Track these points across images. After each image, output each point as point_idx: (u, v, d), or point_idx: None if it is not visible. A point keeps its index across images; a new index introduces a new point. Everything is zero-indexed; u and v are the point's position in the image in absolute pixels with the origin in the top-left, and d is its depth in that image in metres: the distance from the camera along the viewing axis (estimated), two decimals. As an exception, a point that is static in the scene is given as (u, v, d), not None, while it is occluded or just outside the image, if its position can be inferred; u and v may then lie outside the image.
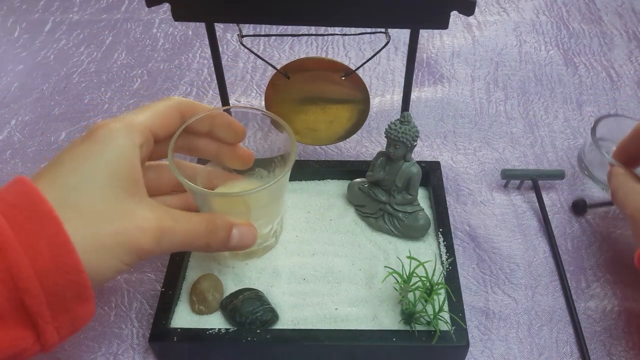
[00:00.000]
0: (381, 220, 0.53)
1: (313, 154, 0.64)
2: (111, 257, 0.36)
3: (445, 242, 0.51)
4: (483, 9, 0.85)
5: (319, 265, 0.51)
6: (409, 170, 0.51)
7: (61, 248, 0.33)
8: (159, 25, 0.82)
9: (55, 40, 0.80)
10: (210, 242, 0.42)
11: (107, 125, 0.39)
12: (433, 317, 0.45)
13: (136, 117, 0.41)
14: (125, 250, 0.36)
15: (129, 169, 0.38)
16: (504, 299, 0.51)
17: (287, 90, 0.55)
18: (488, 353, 0.48)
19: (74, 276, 0.33)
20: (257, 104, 0.70)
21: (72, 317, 0.35)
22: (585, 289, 0.52)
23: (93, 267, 0.35)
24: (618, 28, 0.82)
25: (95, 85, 0.73)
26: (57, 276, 0.33)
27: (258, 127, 0.50)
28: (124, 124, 0.39)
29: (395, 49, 0.78)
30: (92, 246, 0.35)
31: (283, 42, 0.79)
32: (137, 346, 0.48)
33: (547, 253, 0.55)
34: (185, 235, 0.40)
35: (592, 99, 0.71)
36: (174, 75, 0.74)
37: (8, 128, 0.67)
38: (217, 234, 0.42)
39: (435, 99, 0.70)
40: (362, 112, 0.56)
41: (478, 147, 0.65)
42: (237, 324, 0.46)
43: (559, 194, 0.60)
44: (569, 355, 0.48)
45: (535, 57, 0.77)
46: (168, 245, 0.39)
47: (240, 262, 0.51)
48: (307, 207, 0.56)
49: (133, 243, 0.37)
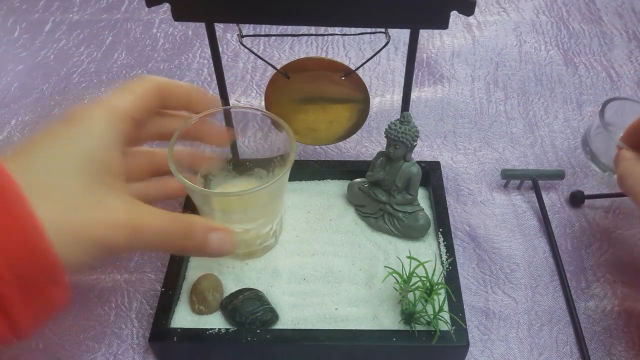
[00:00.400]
0: (381, 220, 0.53)
1: (313, 154, 0.64)
2: (79, 249, 0.34)
3: (445, 242, 0.51)
4: (483, 9, 0.85)
5: (319, 265, 0.51)
6: (409, 170, 0.51)
7: (30, 229, 0.31)
8: (159, 25, 0.82)
9: (55, 40, 0.80)
10: (186, 245, 0.39)
11: (87, 109, 0.37)
12: (433, 317, 0.45)
13: (117, 102, 0.38)
14: (94, 244, 0.34)
15: (106, 158, 0.36)
16: (504, 299, 0.51)
17: (287, 90, 0.54)
18: (488, 353, 0.48)
19: (44, 258, 0.31)
20: (257, 104, 0.70)
21: (46, 302, 0.33)
22: (585, 289, 0.52)
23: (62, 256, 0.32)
24: (618, 28, 0.82)
25: (95, 85, 0.73)
26: (26, 257, 0.31)
27: (258, 127, 0.50)
28: (106, 108, 0.37)
29: (395, 49, 0.78)
30: (62, 234, 0.32)
31: (283, 42, 0.79)
32: (137, 346, 0.48)
33: (547, 253, 0.55)
34: (159, 235, 0.37)
35: (592, 99, 0.71)
36: (174, 75, 0.74)
37: (8, 128, 0.67)
38: (193, 237, 0.39)
39: (435, 99, 0.70)
40: (362, 112, 0.56)
41: (478, 147, 0.65)
42: (237, 324, 0.46)
43: (559, 194, 0.60)
44: (569, 355, 0.48)
45: (535, 57, 0.77)
46: (140, 244, 0.37)
47: (240, 262, 0.51)
48: (307, 207, 0.56)
49: (103, 238, 0.34)
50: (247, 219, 0.47)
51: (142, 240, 0.37)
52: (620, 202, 0.59)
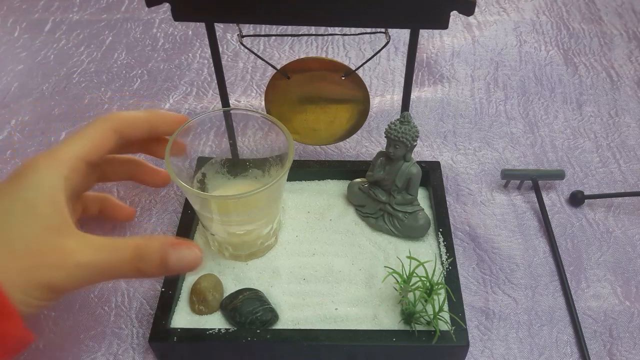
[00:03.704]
0: (381, 220, 0.53)
1: (313, 154, 0.64)
2: (20, 293, 0.35)
3: (445, 242, 0.51)
4: (483, 9, 0.85)
5: (319, 265, 0.51)
6: (408, 170, 0.51)
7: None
8: (159, 25, 0.82)
9: (55, 40, 0.80)
10: (141, 267, 0.39)
11: (32, 161, 0.39)
12: (433, 317, 0.45)
13: (63, 148, 0.41)
14: (34, 287, 0.36)
15: (49, 203, 0.38)
16: (504, 299, 0.51)
17: (287, 90, 0.54)
18: (488, 353, 0.48)
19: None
20: (257, 104, 0.70)
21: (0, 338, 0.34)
22: (585, 289, 0.52)
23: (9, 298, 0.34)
24: (618, 28, 0.82)
25: (95, 85, 0.73)
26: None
27: (258, 127, 0.50)
28: (49, 157, 0.40)
29: (395, 49, 0.78)
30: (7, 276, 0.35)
31: (283, 42, 0.79)
32: (137, 346, 0.48)
33: (547, 253, 0.55)
34: (106, 267, 0.38)
35: (592, 99, 0.71)
36: (174, 75, 0.74)
37: (8, 128, 0.67)
38: (147, 259, 0.39)
39: (435, 99, 0.70)
40: (362, 112, 0.56)
41: (478, 147, 0.65)
42: (237, 324, 0.46)
43: (559, 194, 0.60)
44: (569, 355, 0.48)
45: (535, 57, 0.77)
46: (87, 280, 0.38)
47: (241, 262, 0.51)
48: (307, 207, 0.56)
49: (42, 280, 0.36)
50: (247, 221, 0.47)
51: (88, 276, 0.38)
52: (620, 202, 0.59)
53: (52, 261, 0.36)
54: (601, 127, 0.68)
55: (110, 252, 0.38)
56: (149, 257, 0.39)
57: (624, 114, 0.69)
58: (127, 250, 0.38)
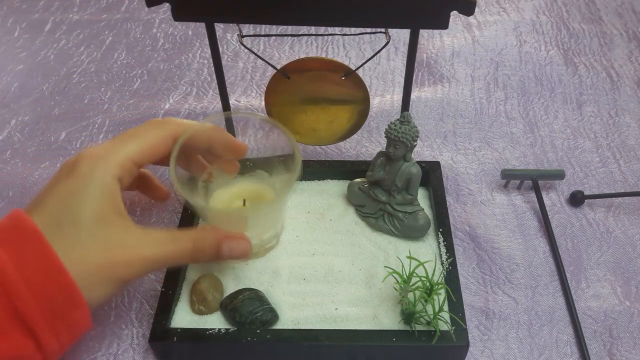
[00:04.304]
0: (381, 220, 0.53)
1: (313, 154, 0.64)
2: (97, 287, 0.38)
3: (445, 242, 0.51)
4: (483, 9, 0.85)
5: (319, 265, 0.51)
6: (408, 170, 0.51)
7: (44, 256, 0.36)
8: (159, 25, 0.82)
9: (55, 40, 0.80)
10: (198, 260, 0.44)
11: (88, 160, 0.40)
12: (433, 317, 0.45)
13: (119, 150, 0.42)
14: (105, 282, 0.39)
15: (112, 203, 0.40)
16: (504, 299, 0.51)
17: (287, 90, 0.55)
18: (488, 353, 0.48)
19: (60, 279, 0.36)
20: (257, 104, 0.70)
21: (68, 323, 0.37)
22: (585, 289, 0.52)
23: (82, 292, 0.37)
24: (618, 28, 0.82)
25: (95, 85, 0.73)
26: (43, 279, 0.35)
27: (259, 127, 0.50)
28: (104, 157, 0.41)
29: (395, 49, 0.78)
30: (80, 272, 0.37)
31: (283, 42, 0.79)
32: (137, 346, 0.48)
33: (547, 253, 0.55)
34: (170, 259, 0.42)
35: (592, 99, 0.71)
36: (174, 75, 0.74)
37: (8, 128, 0.67)
38: (204, 250, 0.43)
39: (435, 99, 0.70)
40: (362, 112, 0.56)
41: (478, 147, 0.65)
42: (237, 324, 0.46)
43: (559, 194, 0.60)
44: (569, 355, 0.48)
45: (535, 57, 0.77)
46: (150, 270, 0.41)
47: (241, 262, 0.51)
48: (307, 207, 0.56)
49: (113, 276, 0.39)
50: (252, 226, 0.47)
51: (153, 269, 0.41)
52: (620, 202, 0.59)
53: (122, 258, 0.39)
54: (601, 127, 0.68)
55: (172, 245, 0.42)
56: (206, 248, 0.43)
57: (624, 114, 0.69)
58: (187, 243, 0.42)
